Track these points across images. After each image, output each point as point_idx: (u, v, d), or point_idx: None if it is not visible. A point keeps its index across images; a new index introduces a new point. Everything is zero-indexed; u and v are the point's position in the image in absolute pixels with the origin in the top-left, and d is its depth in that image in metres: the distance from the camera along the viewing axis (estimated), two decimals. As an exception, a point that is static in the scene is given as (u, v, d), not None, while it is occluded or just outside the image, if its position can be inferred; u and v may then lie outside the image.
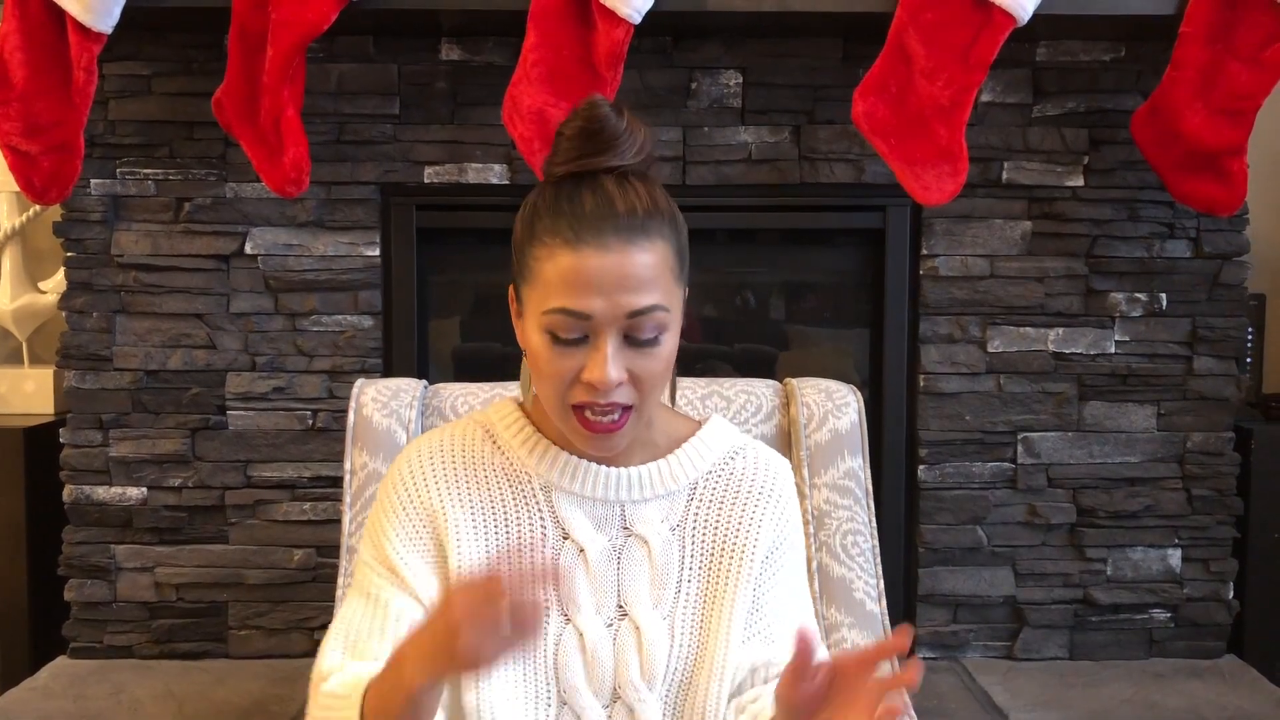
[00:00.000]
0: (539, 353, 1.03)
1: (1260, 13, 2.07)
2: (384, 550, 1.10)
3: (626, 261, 0.99)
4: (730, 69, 2.35)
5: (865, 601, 1.42)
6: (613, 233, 0.99)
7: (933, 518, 2.41)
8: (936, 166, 2.10)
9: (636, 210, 1.01)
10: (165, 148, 2.34)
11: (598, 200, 1.01)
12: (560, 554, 1.10)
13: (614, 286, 0.99)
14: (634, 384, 1.02)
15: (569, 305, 0.99)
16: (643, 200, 1.02)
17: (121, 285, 2.35)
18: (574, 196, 1.02)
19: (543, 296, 1.01)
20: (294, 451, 2.38)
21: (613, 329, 1.00)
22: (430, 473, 1.12)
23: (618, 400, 1.02)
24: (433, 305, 2.50)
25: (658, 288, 1.01)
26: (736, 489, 1.15)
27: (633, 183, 1.03)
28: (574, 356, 1.01)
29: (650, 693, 1.08)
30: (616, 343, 1.00)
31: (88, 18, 2.02)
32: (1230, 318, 2.40)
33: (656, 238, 1.02)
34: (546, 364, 1.02)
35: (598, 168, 1.03)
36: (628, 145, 1.03)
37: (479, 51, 2.33)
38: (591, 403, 1.02)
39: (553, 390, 1.03)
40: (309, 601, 2.39)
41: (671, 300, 1.03)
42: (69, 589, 2.39)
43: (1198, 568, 2.43)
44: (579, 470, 1.12)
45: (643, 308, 1.00)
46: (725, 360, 2.55)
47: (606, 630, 1.09)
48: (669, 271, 1.03)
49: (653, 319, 1.01)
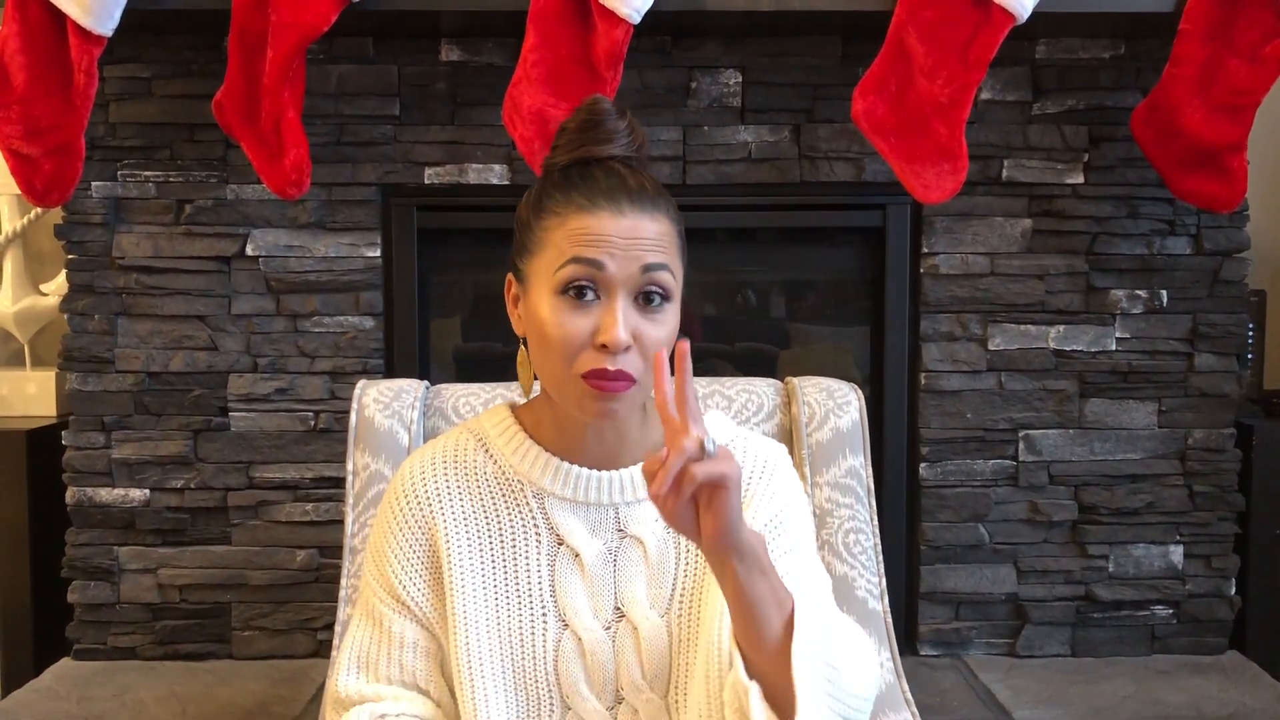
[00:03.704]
0: (548, 319, 1.03)
1: (1259, 9, 2.07)
2: (385, 574, 1.13)
3: (640, 225, 1.03)
4: (730, 68, 2.35)
5: (867, 600, 1.43)
6: (627, 201, 1.04)
7: (934, 515, 2.41)
8: (936, 165, 2.11)
9: (646, 187, 1.06)
10: (166, 150, 2.34)
11: (609, 176, 1.05)
12: (555, 560, 1.11)
13: (627, 244, 1.02)
14: (639, 352, 1.03)
15: (585, 254, 1.02)
16: (650, 182, 1.07)
17: (123, 287, 2.36)
18: (585, 174, 1.06)
19: (555, 257, 1.04)
20: (296, 452, 2.38)
21: (624, 288, 1.02)
22: (424, 488, 1.13)
23: (625, 367, 1.02)
24: (434, 306, 2.50)
25: (665, 253, 1.05)
26: None
27: (636, 169, 1.08)
28: (585, 317, 1.02)
29: (654, 692, 1.08)
30: (627, 303, 1.03)
31: (88, 20, 2.03)
32: (1231, 314, 2.40)
33: (664, 215, 1.06)
34: (556, 328, 1.03)
35: (599, 155, 1.07)
36: (627, 139, 1.08)
37: (479, 52, 2.33)
38: (601, 369, 1.02)
39: (560, 359, 1.03)
40: (312, 602, 2.39)
41: (676, 270, 1.06)
42: (72, 591, 2.39)
43: (1199, 564, 2.43)
44: (571, 476, 1.12)
45: (654, 263, 1.03)
46: (726, 359, 2.55)
47: (605, 633, 1.09)
48: (675, 247, 1.07)
49: (662, 278, 1.04)
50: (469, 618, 1.09)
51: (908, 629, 2.45)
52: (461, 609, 1.09)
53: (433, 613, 1.11)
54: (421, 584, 1.11)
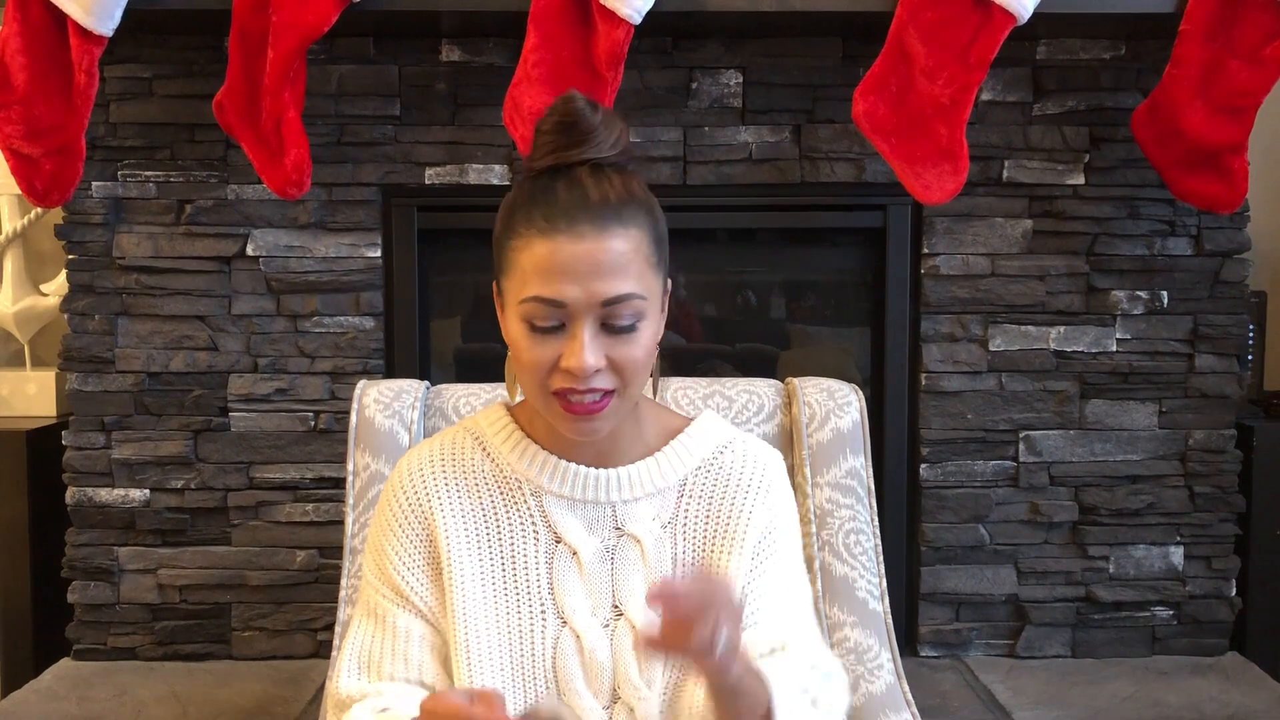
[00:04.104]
0: (518, 342, 1.04)
1: (1260, 10, 2.07)
2: (386, 570, 1.12)
3: (599, 248, 0.99)
4: (730, 69, 2.35)
5: (868, 600, 1.43)
6: (586, 220, 0.99)
7: (935, 516, 2.41)
8: (937, 165, 2.11)
9: (610, 198, 1.01)
10: (166, 150, 2.34)
11: (571, 190, 1.01)
12: (553, 558, 1.11)
13: (588, 273, 0.99)
14: (614, 370, 1.03)
15: (543, 294, 1.00)
16: (616, 189, 1.02)
17: (123, 287, 2.36)
18: (549, 188, 1.02)
19: (519, 286, 1.02)
20: (296, 453, 2.38)
21: (588, 316, 1.00)
22: (423, 484, 1.13)
23: (598, 385, 1.02)
24: (434, 306, 2.50)
25: (632, 275, 1.01)
26: (725, 483, 1.14)
27: (608, 174, 1.03)
28: (552, 344, 1.02)
29: (650, 691, 1.08)
30: (593, 329, 1.01)
31: (89, 21, 2.03)
32: (1231, 315, 2.40)
33: (631, 225, 1.02)
34: (526, 352, 1.03)
35: (575, 160, 1.03)
36: (604, 138, 1.04)
37: (479, 52, 2.33)
38: (571, 389, 1.02)
39: (533, 379, 1.04)
40: (312, 603, 2.39)
41: (648, 288, 1.03)
42: (72, 591, 2.39)
43: (1200, 565, 2.43)
44: (569, 474, 1.12)
45: (617, 295, 1.00)
46: (727, 360, 2.56)
47: (603, 631, 1.09)
48: (644, 259, 1.03)
49: (629, 306, 1.01)
50: (469, 614, 1.09)
51: (908, 630, 2.45)
52: (461, 605, 1.09)
53: (436, 605, 1.11)
54: (423, 577, 1.11)
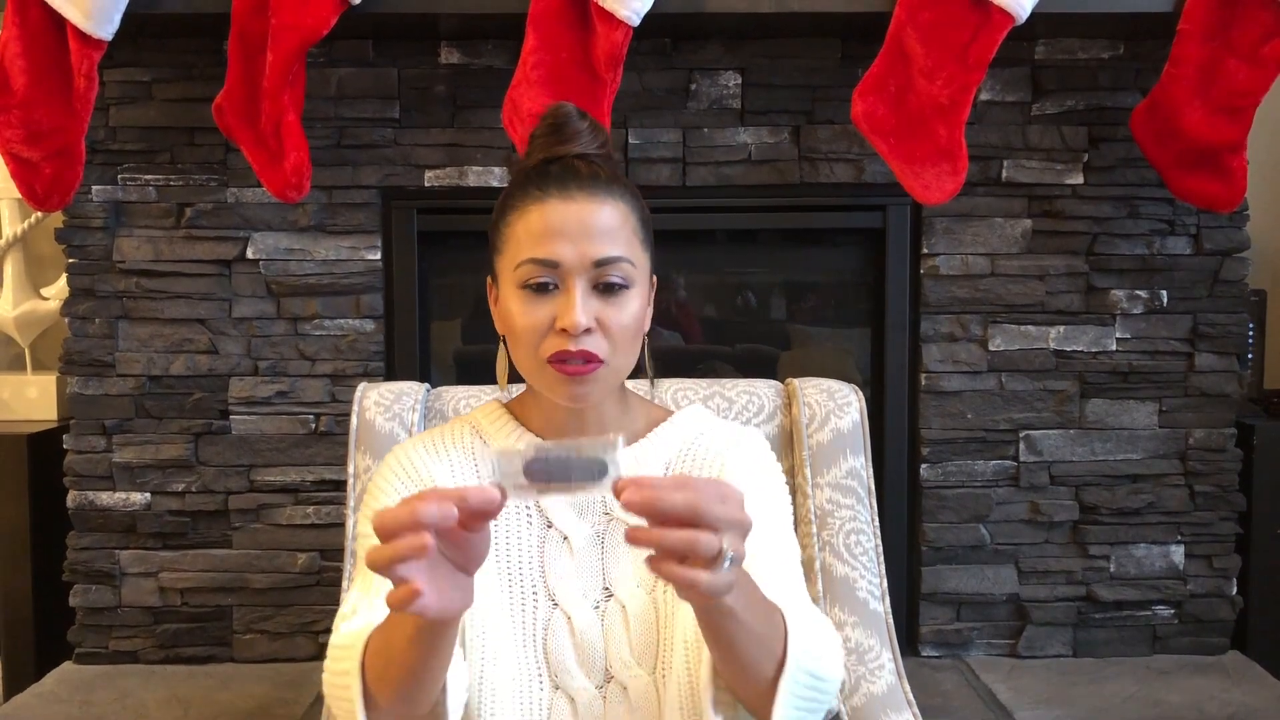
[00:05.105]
0: (513, 311, 1.08)
1: (1258, 9, 2.07)
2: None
3: (589, 210, 1.06)
4: (729, 70, 2.35)
5: (869, 601, 1.42)
6: (576, 187, 1.07)
7: (935, 516, 2.41)
8: (936, 165, 2.11)
9: (599, 175, 1.09)
10: (166, 153, 2.35)
11: (563, 167, 1.09)
12: (545, 543, 1.13)
13: (579, 233, 1.05)
14: (604, 333, 1.06)
15: (538, 254, 1.06)
16: (605, 171, 1.10)
17: (123, 291, 2.36)
18: (541, 171, 1.09)
19: (515, 254, 1.08)
20: (297, 455, 2.38)
21: (581, 277, 1.06)
22: (422, 461, 1.16)
23: (588, 348, 1.05)
24: (434, 308, 2.50)
25: (621, 241, 1.07)
26: (704, 460, 1.17)
27: (596, 163, 1.11)
28: (546, 306, 1.06)
29: (642, 669, 1.10)
30: (585, 290, 1.06)
31: (88, 25, 2.03)
32: (1231, 314, 2.40)
33: (620, 200, 1.09)
34: (520, 318, 1.07)
35: (564, 153, 1.10)
36: (590, 138, 1.11)
37: (478, 55, 2.33)
38: (565, 350, 1.05)
39: (528, 345, 1.07)
40: (313, 605, 2.39)
41: (637, 258, 1.09)
42: (74, 594, 2.39)
43: (1201, 564, 2.43)
44: None
45: (608, 256, 1.06)
46: (726, 360, 2.56)
47: (594, 613, 1.11)
48: (633, 231, 1.09)
49: (618, 268, 1.07)
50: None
51: (909, 630, 2.45)
52: None
53: None
54: None
